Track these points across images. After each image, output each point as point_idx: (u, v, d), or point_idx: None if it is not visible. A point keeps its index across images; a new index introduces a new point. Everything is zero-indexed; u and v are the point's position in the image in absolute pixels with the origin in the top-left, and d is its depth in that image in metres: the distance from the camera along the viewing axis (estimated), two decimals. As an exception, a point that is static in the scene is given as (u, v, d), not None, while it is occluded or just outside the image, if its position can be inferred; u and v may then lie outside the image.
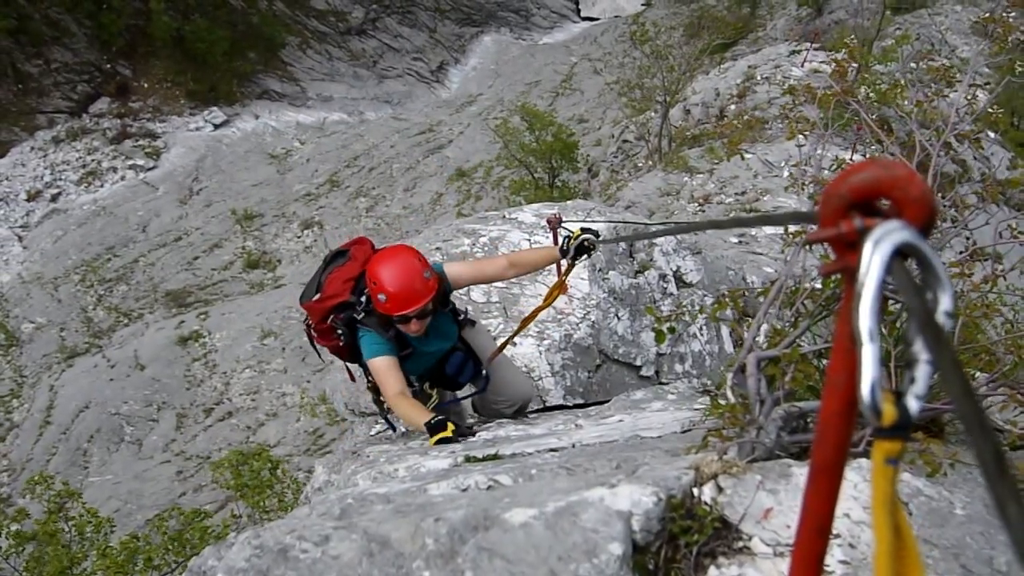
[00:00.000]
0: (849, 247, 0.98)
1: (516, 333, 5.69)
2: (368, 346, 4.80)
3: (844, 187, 0.98)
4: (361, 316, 4.78)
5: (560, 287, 5.30)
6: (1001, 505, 0.74)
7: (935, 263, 0.94)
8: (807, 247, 3.18)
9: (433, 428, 4.37)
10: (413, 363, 5.03)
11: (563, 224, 5.31)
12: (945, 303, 0.93)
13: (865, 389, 0.92)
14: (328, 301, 4.89)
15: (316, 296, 5.00)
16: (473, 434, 4.51)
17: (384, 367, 4.77)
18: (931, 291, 0.93)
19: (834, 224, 0.99)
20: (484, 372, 5.35)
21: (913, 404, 0.92)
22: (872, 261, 0.93)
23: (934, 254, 0.94)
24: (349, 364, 5.46)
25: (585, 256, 4.91)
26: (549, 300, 5.37)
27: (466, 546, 1.97)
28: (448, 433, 4.30)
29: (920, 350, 0.91)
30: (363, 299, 4.80)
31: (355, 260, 4.99)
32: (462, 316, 5.38)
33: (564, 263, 5.00)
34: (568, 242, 4.86)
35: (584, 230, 4.88)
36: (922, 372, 0.92)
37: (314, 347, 5.35)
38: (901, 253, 0.93)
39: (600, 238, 4.88)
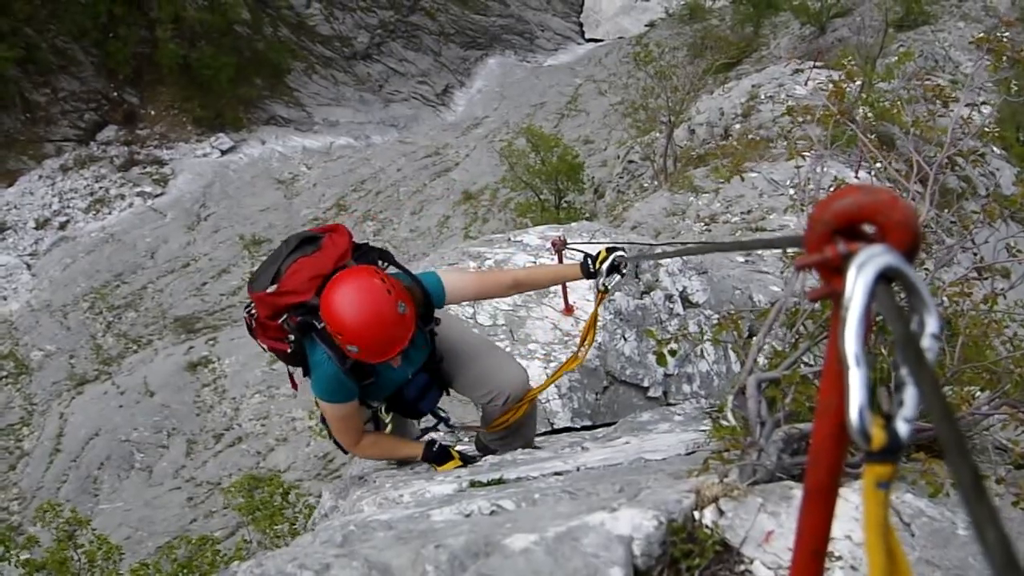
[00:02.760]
0: (835, 272, 0.99)
1: (549, 383, 4.82)
2: (320, 379, 4.03)
3: (828, 213, 0.99)
4: (322, 326, 3.88)
5: (593, 326, 4.56)
6: (979, 527, 0.74)
7: (919, 287, 0.95)
8: (807, 269, 3.17)
9: (437, 458, 4.11)
10: (374, 391, 4.25)
11: (568, 246, 4.98)
12: (931, 326, 0.94)
13: (853, 414, 0.93)
14: (285, 298, 4.00)
15: (272, 287, 4.06)
16: (475, 460, 4.18)
17: (339, 416, 4.13)
18: (917, 314, 0.94)
19: (819, 250, 1.00)
20: (444, 413, 4.62)
21: (902, 428, 0.93)
22: (856, 286, 0.93)
23: (918, 278, 0.95)
24: (291, 369, 4.45)
25: (618, 277, 4.25)
26: (586, 342, 4.64)
27: (466, 573, 1.97)
28: (457, 463, 4.08)
29: (907, 373, 0.92)
30: None
31: (327, 253, 4.08)
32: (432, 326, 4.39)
33: (592, 286, 4.32)
34: (596, 264, 4.20)
35: (610, 249, 4.24)
36: (910, 395, 0.92)
37: (254, 339, 4.43)
38: (886, 277, 0.94)
39: (627, 255, 4.26)
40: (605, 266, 4.15)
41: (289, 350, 4.09)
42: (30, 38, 32.30)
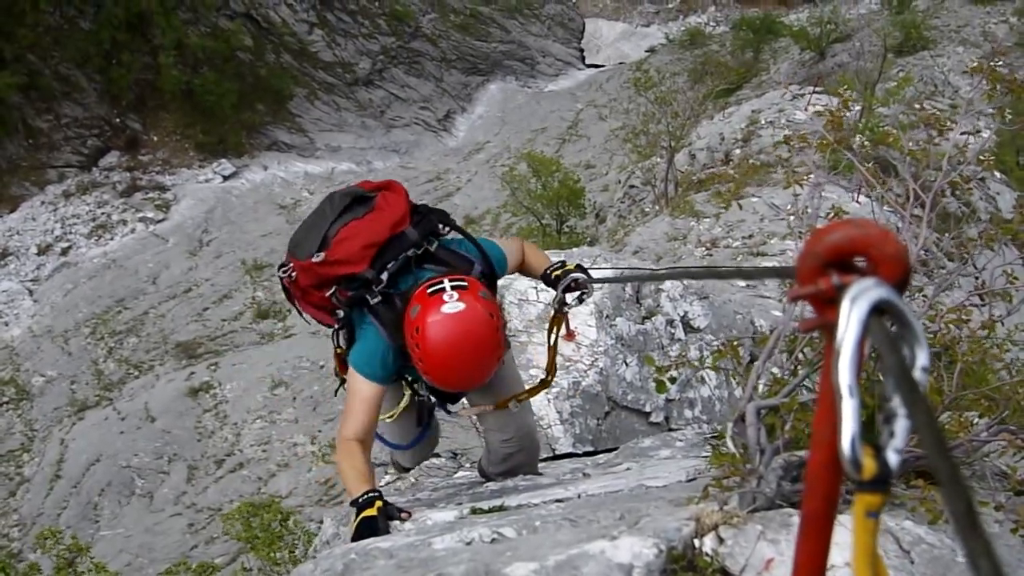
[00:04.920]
0: (828, 304, 1.00)
1: (538, 389, 4.27)
2: (361, 351, 3.58)
3: (820, 246, 1.00)
4: (376, 301, 3.47)
5: (556, 326, 4.01)
6: (973, 557, 0.75)
7: (911, 319, 0.96)
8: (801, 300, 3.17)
9: (360, 507, 3.37)
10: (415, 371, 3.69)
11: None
12: (922, 359, 0.95)
13: (845, 444, 0.94)
14: (336, 268, 3.56)
15: (319, 255, 3.61)
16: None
17: (363, 395, 3.56)
18: (908, 346, 0.95)
19: (812, 282, 1.01)
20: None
21: (893, 458, 0.94)
22: (850, 318, 0.95)
23: (910, 310, 0.96)
24: (335, 343, 3.96)
25: (575, 300, 3.78)
26: (553, 342, 4.11)
27: (467, 601, 1.97)
28: (373, 512, 3.30)
29: (898, 405, 0.93)
30: (383, 276, 3.49)
31: (382, 214, 3.63)
32: None
33: (554, 301, 3.83)
34: (556, 278, 3.76)
35: (577, 267, 3.79)
36: (900, 426, 0.94)
37: (292, 303, 4.04)
38: (878, 310, 0.95)
39: (591, 278, 3.77)
40: (561, 285, 3.69)
41: (336, 325, 3.74)
42: (33, 65, 32.43)
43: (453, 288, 3.26)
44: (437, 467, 6.27)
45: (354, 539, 3.16)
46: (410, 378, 3.99)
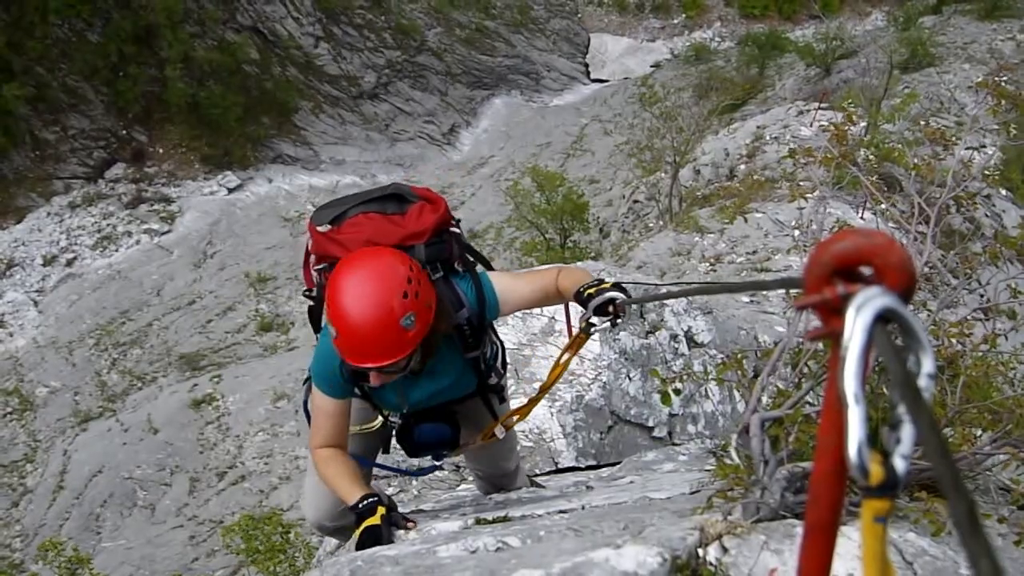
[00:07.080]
0: (834, 313, 1.01)
1: (527, 409, 3.96)
2: (318, 356, 3.43)
3: (827, 255, 1.02)
4: None
5: (575, 346, 3.68)
6: (974, 561, 0.76)
7: (916, 327, 0.97)
8: (807, 309, 3.15)
9: (361, 514, 3.27)
10: (382, 398, 3.63)
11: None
12: (927, 366, 0.96)
13: (852, 450, 0.95)
14: (332, 247, 3.43)
15: (327, 227, 3.48)
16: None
17: (322, 409, 3.47)
18: (913, 354, 0.96)
19: (818, 291, 1.02)
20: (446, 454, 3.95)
21: (900, 464, 0.95)
22: (856, 326, 0.96)
23: (915, 319, 0.98)
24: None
25: (607, 324, 3.32)
26: (556, 373, 3.85)
27: (473, 608, 1.98)
28: (376, 520, 3.21)
29: (904, 411, 0.94)
30: None
31: (404, 221, 3.44)
32: (492, 380, 3.82)
33: (575, 325, 3.47)
34: (589, 296, 3.29)
35: (615, 285, 3.31)
36: (907, 433, 0.94)
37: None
38: (883, 318, 0.96)
39: (629, 298, 3.28)
40: (593, 304, 3.26)
41: (312, 300, 3.65)
42: (41, 77, 32.57)
43: None
44: (440, 480, 6.28)
45: (358, 548, 3.14)
46: (375, 400, 3.74)
